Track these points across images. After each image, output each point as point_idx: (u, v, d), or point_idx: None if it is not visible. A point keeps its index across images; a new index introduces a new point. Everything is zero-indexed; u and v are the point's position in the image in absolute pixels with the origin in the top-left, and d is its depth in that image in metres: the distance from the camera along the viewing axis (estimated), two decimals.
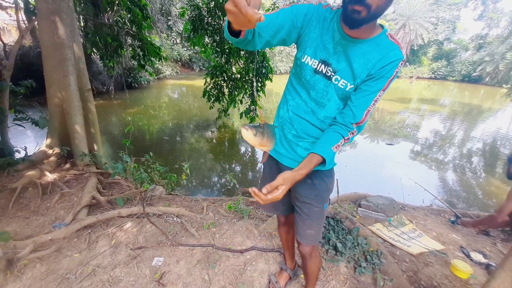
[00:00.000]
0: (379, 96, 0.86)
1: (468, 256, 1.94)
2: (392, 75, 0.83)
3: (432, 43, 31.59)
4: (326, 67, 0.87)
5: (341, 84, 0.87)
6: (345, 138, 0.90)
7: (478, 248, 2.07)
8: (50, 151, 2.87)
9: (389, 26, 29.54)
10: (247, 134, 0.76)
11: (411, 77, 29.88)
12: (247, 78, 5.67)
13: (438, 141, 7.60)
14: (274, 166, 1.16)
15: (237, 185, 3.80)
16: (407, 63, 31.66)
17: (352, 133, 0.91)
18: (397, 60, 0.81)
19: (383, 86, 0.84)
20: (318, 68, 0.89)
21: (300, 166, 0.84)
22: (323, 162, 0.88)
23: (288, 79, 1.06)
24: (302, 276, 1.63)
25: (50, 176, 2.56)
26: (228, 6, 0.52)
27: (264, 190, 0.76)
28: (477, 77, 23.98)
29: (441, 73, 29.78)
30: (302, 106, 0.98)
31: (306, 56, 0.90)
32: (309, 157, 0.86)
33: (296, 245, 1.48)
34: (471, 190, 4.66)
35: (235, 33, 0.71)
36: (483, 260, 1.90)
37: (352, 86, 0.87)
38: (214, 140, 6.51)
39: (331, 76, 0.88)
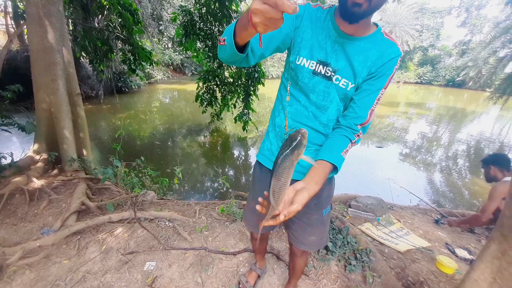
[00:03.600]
0: (381, 94, 0.84)
1: (453, 253, 2.01)
2: (392, 72, 0.82)
3: (417, 49, 32.76)
4: (325, 67, 0.83)
5: (342, 84, 0.83)
6: (352, 141, 0.85)
7: (463, 245, 2.15)
8: (37, 157, 2.81)
9: None
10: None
11: (398, 81, 30.80)
12: (239, 82, 5.73)
13: (426, 143, 7.83)
14: (268, 179, 1.11)
15: (230, 189, 3.81)
16: None
17: (358, 135, 0.86)
18: (396, 57, 0.81)
19: (384, 84, 0.82)
20: (316, 69, 0.84)
21: (316, 180, 0.74)
22: (333, 170, 0.81)
23: (280, 85, 1.00)
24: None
25: (37, 182, 2.50)
26: (256, 5, 0.47)
27: (282, 209, 0.68)
28: (461, 81, 24.97)
29: (426, 78, 30.89)
30: (302, 111, 0.91)
31: (301, 58, 0.85)
32: (322, 167, 0.78)
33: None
34: (457, 190, 4.82)
35: (238, 49, 0.67)
36: (468, 256, 1.98)
37: (353, 85, 0.83)
38: (206, 144, 6.49)
39: (331, 76, 0.83)
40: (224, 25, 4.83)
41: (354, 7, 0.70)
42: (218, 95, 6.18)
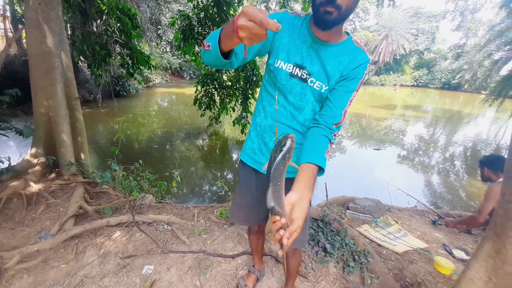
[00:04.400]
0: (353, 96, 0.89)
1: (451, 254, 2.03)
2: (362, 76, 0.88)
3: (413, 53, 33.16)
4: (301, 70, 0.90)
5: (317, 86, 0.90)
6: (331, 141, 0.88)
7: (460, 245, 2.17)
8: (35, 161, 2.80)
9: (372, 37, 30.88)
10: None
11: (395, 85, 31.08)
12: (238, 86, 5.77)
13: (423, 145, 7.89)
14: (253, 178, 1.13)
15: (228, 192, 3.81)
16: (391, 72, 33.00)
17: (335, 135, 0.89)
18: (365, 63, 0.88)
19: (356, 87, 0.89)
20: (293, 72, 0.91)
21: (309, 188, 0.71)
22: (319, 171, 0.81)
23: (261, 87, 1.07)
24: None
25: (34, 187, 2.49)
26: (242, 22, 0.50)
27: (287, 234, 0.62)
28: (456, 84, 25.21)
29: (422, 81, 31.19)
30: (281, 111, 0.98)
31: (279, 61, 0.91)
32: (311, 172, 0.76)
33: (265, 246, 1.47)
34: (454, 192, 4.85)
35: (223, 55, 0.71)
36: (465, 257, 1.99)
37: (327, 87, 0.90)
38: (205, 148, 6.50)
39: (307, 79, 0.90)
40: None
41: (326, 15, 0.76)
42: (217, 98, 6.21)
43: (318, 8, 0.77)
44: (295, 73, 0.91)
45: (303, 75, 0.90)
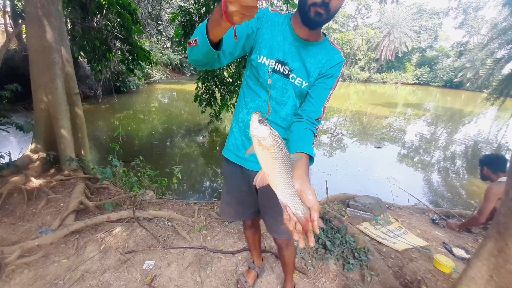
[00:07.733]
0: (331, 93, 0.95)
1: (451, 252, 2.03)
2: (339, 75, 0.94)
3: (415, 51, 32.97)
4: (283, 66, 0.92)
5: (297, 82, 0.93)
6: (315, 134, 0.91)
7: (460, 244, 2.17)
8: (35, 156, 2.80)
9: (374, 34, 30.65)
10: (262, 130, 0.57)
11: (396, 82, 30.93)
12: (239, 82, 5.73)
13: (424, 144, 7.87)
14: (238, 174, 1.13)
15: None
16: (393, 69, 32.84)
17: (317, 129, 0.93)
18: (340, 62, 0.94)
19: (333, 85, 0.94)
20: (275, 68, 0.93)
21: (307, 173, 0.73)
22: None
23: (242, 83, 1.08)
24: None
25: (35, 182, 2.49)
26: None
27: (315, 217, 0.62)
28: (458, 82, 25.10)
29: (424, 79, 31.08)
30: (264, 106, 0.99)
31: (261, 56, 0.92)
32: (304, 160, 0.77)
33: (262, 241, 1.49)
34: (455, 190, 4.85)
35: (212, 47, 0.71)
36: (465, 255, 2.00)
37: (307, 84, 0.94)
38: (205, 144, 6.49)
39: (288, 74, 0.93)
40: None
41: (316, 16, 0.80)
42: (217, 95, 6.18)
43: (309, 9, 0.80)
44: (277, 69, 0.93)
45: (285, 71, 0.93)
